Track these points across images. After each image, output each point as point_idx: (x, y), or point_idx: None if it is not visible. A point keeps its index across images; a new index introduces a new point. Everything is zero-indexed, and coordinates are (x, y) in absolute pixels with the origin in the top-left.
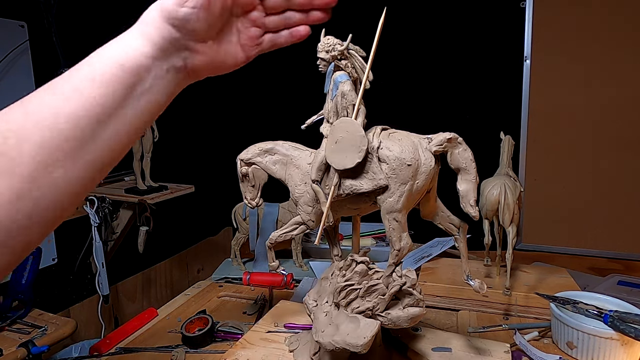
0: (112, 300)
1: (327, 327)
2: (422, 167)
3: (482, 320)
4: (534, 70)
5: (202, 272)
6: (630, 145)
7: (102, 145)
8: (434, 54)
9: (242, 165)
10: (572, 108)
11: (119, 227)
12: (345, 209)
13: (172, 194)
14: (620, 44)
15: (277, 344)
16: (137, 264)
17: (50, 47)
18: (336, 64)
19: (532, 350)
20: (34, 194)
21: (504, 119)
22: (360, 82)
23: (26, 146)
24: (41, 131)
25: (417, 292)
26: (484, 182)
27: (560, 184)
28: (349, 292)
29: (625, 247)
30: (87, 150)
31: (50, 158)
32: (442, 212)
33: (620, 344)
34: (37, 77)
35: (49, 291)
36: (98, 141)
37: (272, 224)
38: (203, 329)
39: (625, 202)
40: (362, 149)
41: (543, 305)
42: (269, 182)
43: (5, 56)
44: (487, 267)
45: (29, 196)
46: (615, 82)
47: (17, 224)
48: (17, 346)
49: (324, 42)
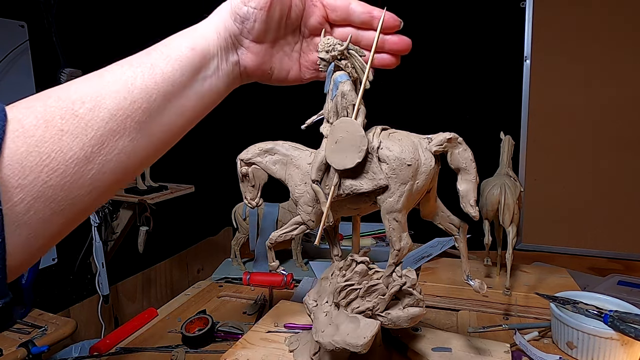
0: (112, 300)
1: (327, 327)
2: (422, 167)
3: (482, 320)
4: (534, 70)
5: (202, 272)
6: (630, 145)
7: (167, 121)
8: (434, 54)
9: (242, 165)
10: (572, 108)
11: (119, 227)
12: (345, 209)
13: (172, 194)
14: (620, 44)
15: (277, 344)
16: (137, 264)
17: (50, 47)
18: (336, 64)
19: (532, 350)
20: (101, 159)
21: (504, 119)
22: (360, 82)
23: (100, 111)
24: (116, 99)
25: (417, 292)
26: (484, 182)
27: (560, 184)
28: (349, 292)
29: (625, 247)
30: (154, 124)
31: (120, 126)
32: (442, 212)
33: (620, 344)
34: (37, 77)
35: (49, 291)
36: (164, 116)
37: (272, 224)
38: (203, 329)
39: (625, 202)
40: (362, 149)
41: (543, 305)
42: (269, 182)
43: (5, 56)
44: (487, 267)
45: (97, 160)
46: (615, 82)
47: (81, 186)
48: (17, 346)
49: (324, 42)
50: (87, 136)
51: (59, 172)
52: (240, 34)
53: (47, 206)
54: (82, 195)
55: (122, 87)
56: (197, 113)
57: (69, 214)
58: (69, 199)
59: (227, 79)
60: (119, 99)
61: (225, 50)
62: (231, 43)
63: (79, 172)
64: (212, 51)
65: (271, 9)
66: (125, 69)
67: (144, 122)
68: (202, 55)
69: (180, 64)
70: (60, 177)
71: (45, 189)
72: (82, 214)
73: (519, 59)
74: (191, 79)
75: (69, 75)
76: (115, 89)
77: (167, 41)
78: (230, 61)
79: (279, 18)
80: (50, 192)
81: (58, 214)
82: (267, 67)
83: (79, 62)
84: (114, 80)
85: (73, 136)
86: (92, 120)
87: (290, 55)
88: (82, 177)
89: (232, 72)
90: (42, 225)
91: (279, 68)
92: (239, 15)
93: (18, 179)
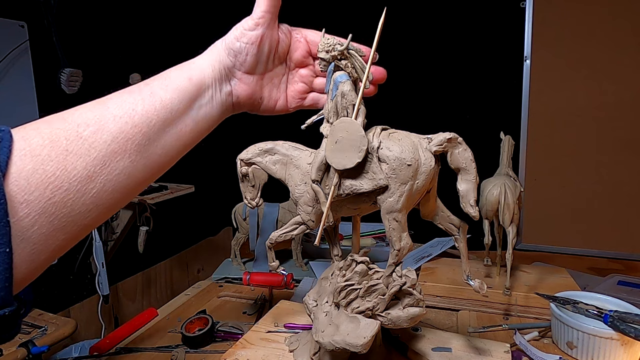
0: (112, 300)
1: (327, 327)
2: (422, 167)
3: (482, 320)
4: (534, 70)
5: (202, 272)
6: (630, 145)
7: (165, 145)
8: (434, 54)
9: (242, 165)
10: (572, 108)
11: (119, 227)
12: (345, 209)
13: (172, 194)
14: (621, 44)
15: (277, 344)
16: (137, 264)
17: (50, 47)
18: (336, 64)
19: (532, 350)
20: (102, 178)
21: (504, 119)
22: (360, 82)
23: (103, 134)
24: (118, 123)
25: (417, 292)
26: (484, 182)
27: (560, 184)
28: (349, 292)
29: (625, 247)
30: (152, 147)
31: (122, 148)
32: (442, 212)
33: (620, 344)
34: (37, 77)
35: (49, 291)
36: (162, 140)
37: (272, 224)
38: (203, 329)
39: (625, 202)
40: (362, 149)
41: (543, 305)
42: (269, 182)
43: (5, 56)
44: (487, 267)
45: (99, 179)
46: (615, 81)
47: (83, 204)
48: (17, 346)
49: (324, 42)
50: (90, 157)
51: (63, 189)
52: (234, 67)
53: (50, 222)
54: (83, 212)
55: (124, 112)
56: (193, 138)
57: (71, 230)
58: (71, 215)
59: (221, 107)
60: (121, 123)
61: (219, 81)
62: (225, 75)
63: (82, 191)
64: (207, 82)
65: (261, 44)
66: (127, 96)
67: (143, 145)
68: (198, 86)
69: (179, 93)
70: (63, 195)
71: (49, 205)
72: (83, 230)
73: (519, 59)
74: (188, 106)
75: (69, 75)
76: (117, 114)
77: (165, 73)
78: (224, 91)
79: (268, 52)
80: (53, 209)
81: (60, 230)
82: (257, 97)
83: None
84: (116, 107)
85: (77, 156)
86: (96, 142)
87: (278, 87)
88: (85, 195)
89: (226, 101)
90: (45, 240)
91: (267, 98)
92: (232, 49)
93: (24, 195)
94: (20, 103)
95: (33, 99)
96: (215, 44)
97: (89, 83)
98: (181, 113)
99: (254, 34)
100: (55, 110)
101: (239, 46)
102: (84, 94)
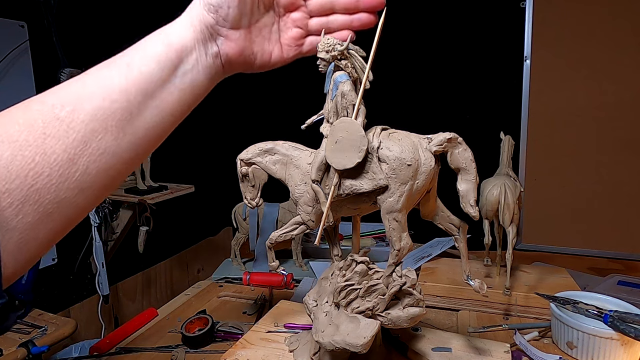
0: (112, 300)
1: (327, 327)
2: (422, 167)
3: (482, 320)
4: (534, 70)
5: (202, 272)
6: (630, 145)
7: (150, 119)
8: (434, 54)
9: (242, 165)
10: (572, 108)
11: (119, 227)
12: (345, 209)
13: (172, 194)
14: (621, 44)
15: (277, 344)
16: (137, 264)
17: (50, 47)
18: (336, 64)
19: (532, 350)
20: (85, 159)
21: (504, 119)
22: (360, 82)
23: (80, 113)
24: (95, 101)
25: (417, 292)
26: (484, 182)
27: (560, 184)
28: (349, 292)
29: (625, 247)
30: (136, 122)
31: (102, 126)
32: (442, 212)
33: (620, 344)
34: (37, 77)
35: (49, 291)
36: (146, 114)
37: (272, 224)
38: (203, 329)
39: (625, 202)
40: (362, 149)
41: (543, 305)
42: (269, 182)
43: (5, 56)
44: (487, 267)
45: (81, 161)
46: (616, 82)
47: (67, 188)
48: (17, 346)
49: (324, 42)
50: (69, 138)
51: (44, 175)
52: (216, 24)
53: (35, 210)
54: (69, 197)
55: (100, 88)
56: (181, 109)
57: (59, 218)
58: (56, 201)
59: (209, 71)
60: (97, 99)
61: (203, 42)
62: (208, 35)
63: (65, 175)
64: (189, 45)
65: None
66: (103, 71)
67: (126, 120)
68: (179, 51)
69: (158, 61)
70: (46, 180)
71: (32, 192)
72: (72, 218)
73: (519, 59)
74: (170, 74)
75: (69, 75)
76: (94, 90)
77: (142, 40)
78: (210, 53)
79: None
80: (37, 196)
81: (47, 217)
82: (249, 53)
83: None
84: (93, 83)
85: (55, 139)
86: (73, 122)
87: (269, 38)
88: (68, 179)
89: (213, 64)
90: (31, 229)
91: (261, 52)
92: (211, 4)
93: (5, 184)
94: None
95: None
96: (194, 2)
97: None
98: (163, 82)
99: None
100: None
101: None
102: None
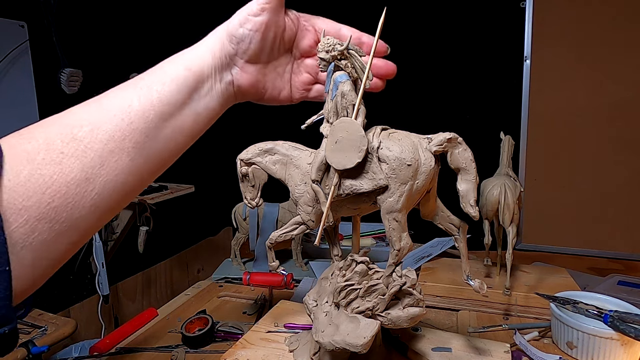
0: (112, 300)
1: (327, 327)
2: (422, 167)
3: (482, 320)
4: (534, 70)
5: (202, 272)
6: (630, 145)
7: (164, 140)
8: (434, 54)
9: (242, 165)
10: (572, 108)
11: (119, 227)
12: (345, 209)
13: (172, 194)
14: (621, 44)
15: (277, 344)
16: (137, 264)
17: (50, 47)
18: (336, 64)
19: (532, 350)
20: (101, 179)
21: (504, 119)
22: (360, 82)
23: (99, 133)
24: (113, 121)
25: (417, 292)
26: (484, 182)
27: (560, 184)
28: (349, 292)
29: (625, 247)
30: (152, 143)
31: (119, 146)
32: (442, 212)
33: (620, 344)
34: (37, 77)
35: (49, 291)
36: (161, 135)
37: (272, 224)
38: (203, 329)
39: (625, 202)
40: (362, 149)
41: (543, 305)
42: (269, 182)
43: (5, 56)
44: (487, 267)
45: (97, 180)
46: (616, 81)
47: (83, 207)
48: (17, 346)
49: (324, 42)
50: (86, 158)
51: (61, 193)
52: (236, 55)
53: (50, 227)
54: (84, 215)
55: (120, 109)
56: (194, 132)
57: (73, 235)
58: (72, 219)
59: (222, 98)
60: (117, 120)
61: (219, 70)
62: (226, 63)
63: (81, 193)
64: (207, 71)
65: (266, 31)
66: (122, 93)
67: (142, 142)
68: (197, 75)
69: (177, 84)
70: (62, 199)
71: (48, 210)
72: (86, 234)
73: (519, 59)
74: (187, 98)
75: (69, 75)
76: (112, 111)
77: (162, 64)
78: (225, 81)
79: (273, 40)
80: (53, 214)
81: (62, 235)
82: (261, 87)
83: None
84: (112, 104)
85: (74, 158)
86: (91, 143)
87: (282, 76)
88: (84, 198)
89: (226, 91)
90: (46, 247)
91: (271, 88)
92: (234, 36)
93: (22, 201)
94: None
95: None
96: (217, 30)
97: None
98: (180, 106)
99: (258, 20)
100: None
101: (242, 33)
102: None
